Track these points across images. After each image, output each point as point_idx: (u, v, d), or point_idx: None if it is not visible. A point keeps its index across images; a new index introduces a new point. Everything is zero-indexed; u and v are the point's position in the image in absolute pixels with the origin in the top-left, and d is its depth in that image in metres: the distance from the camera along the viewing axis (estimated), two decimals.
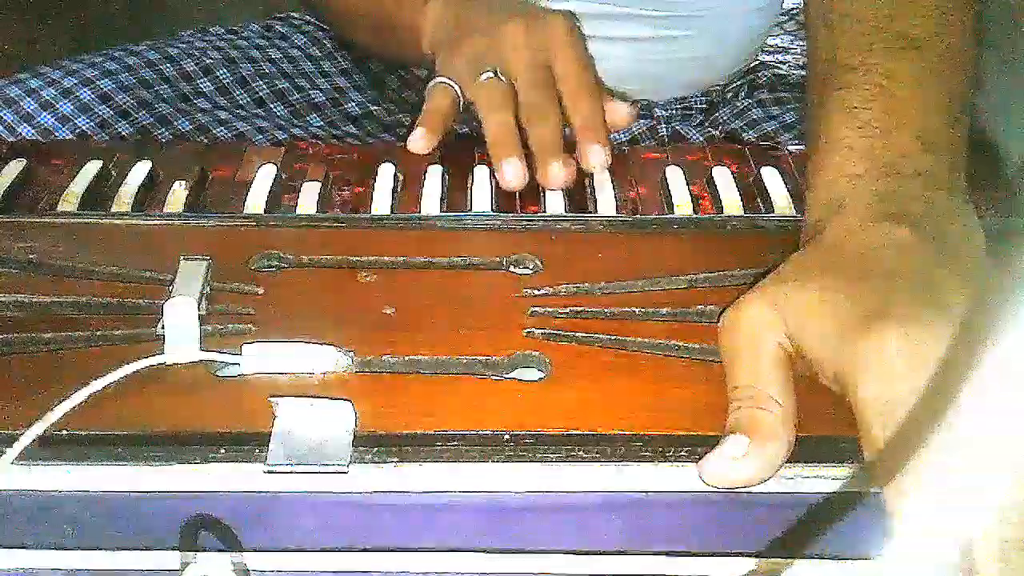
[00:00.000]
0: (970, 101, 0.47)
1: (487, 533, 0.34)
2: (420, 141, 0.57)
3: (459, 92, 0.60)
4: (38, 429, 0.35)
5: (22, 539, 0.34)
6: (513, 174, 0.54)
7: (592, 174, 0.55)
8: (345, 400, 0.37)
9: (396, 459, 0.36)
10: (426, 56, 0.66)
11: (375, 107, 0.76)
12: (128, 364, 0.38)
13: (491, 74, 0.58)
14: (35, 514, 0.35)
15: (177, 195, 0.52)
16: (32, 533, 0.34)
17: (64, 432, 0.37)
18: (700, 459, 0.35)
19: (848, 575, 0.33)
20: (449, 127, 0.59)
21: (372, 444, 0.36)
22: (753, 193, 0.54)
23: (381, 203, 0.52)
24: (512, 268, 0.46)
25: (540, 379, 0.40)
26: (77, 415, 0.37)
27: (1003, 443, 0.27)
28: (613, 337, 0.42)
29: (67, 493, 0.35)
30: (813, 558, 0.34)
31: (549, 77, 0.59)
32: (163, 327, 0.40)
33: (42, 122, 0.65)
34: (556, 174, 0.54)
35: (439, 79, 0.60)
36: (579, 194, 0.54)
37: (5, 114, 0.65)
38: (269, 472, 0.35)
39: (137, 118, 0.67)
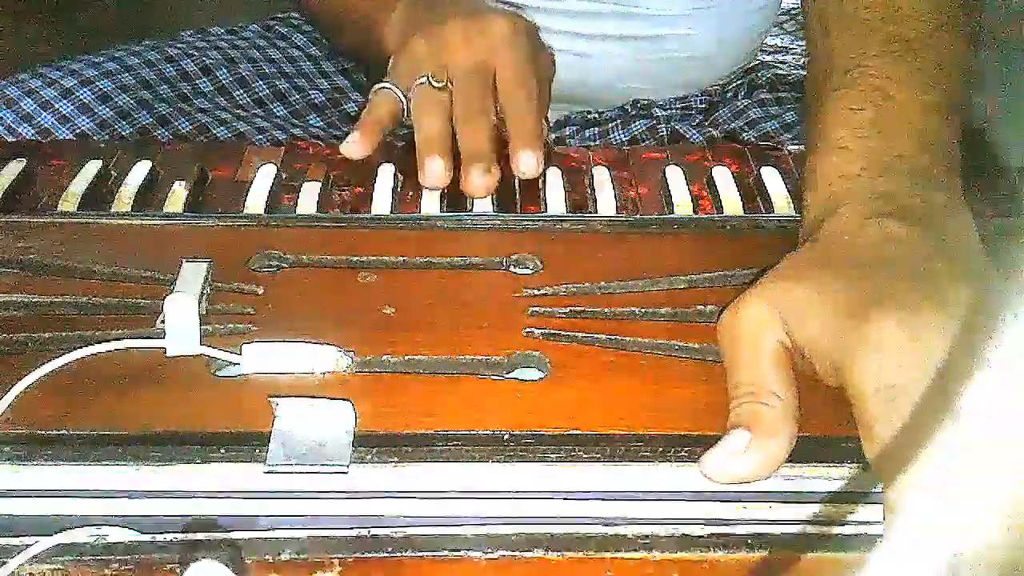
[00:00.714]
0: (965, 101, 0.47)
1: (486, 533, 0.34)
2: (352, 146, 0.56)
3: (401, 96, 0.59)
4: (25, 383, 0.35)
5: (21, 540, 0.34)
6: (433, 173, 0.53)
7: (592, 174, 0.55)
8: (345, 400, 0.37)
9: (396, 459, 0.36)
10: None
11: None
12: (128, 340, 0.38)
13: (425, 80, 0.58)
14: (33, 514, 0.35)
15: (177, 195, 0.52)
16: (32, 533, 0.34)
17: (64, 432, 0.37)
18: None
19: (848, 573, 0.33)
20: (388, 131, 0.58)
21: (372, 444, 0.36)
22: (753, 193, 0.54)
23: (381, 203, 0.52)
24: (512, 268, 0.46)
25: (540, 379, 0.40)
26: (77, 415, 0.37)
27: (1004, 440, 0.27)
28: (613, 337, 0.42)
29: (67, 493, 0.35)
30: (811, 558, 0.34)
31: (486, 80, 0.58)
32: (163, 322, 0.40)
33: (42, 122, 0.65)
34: (476, 181, 0.53)
35: (381, 84, 0.60)
36: (579, 194, 0.54)
37: (5, 114, 0.65)
38: (269, 472, 0.35)
39: (137, 118, 0.67)
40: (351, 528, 0.33)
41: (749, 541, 0.33)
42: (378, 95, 0.59)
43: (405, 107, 0.59)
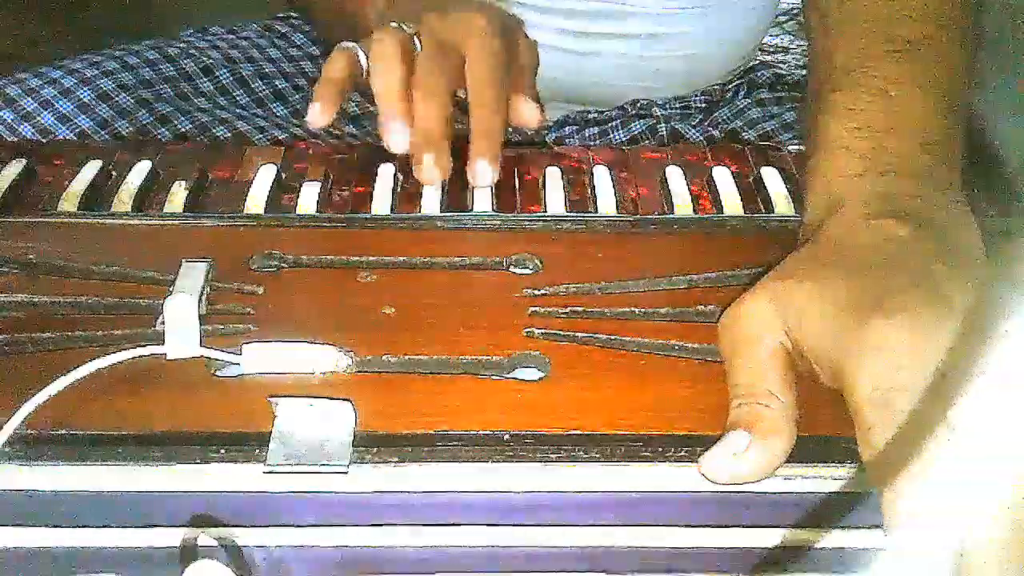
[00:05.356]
0: (967, 101, 0.47)
1: (487, 533, 0.34)
2: (317, 117, 0.52)
3: (361, 55, 0.54)
4: (25, 411, 0.35)
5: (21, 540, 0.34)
6: (396, 140, 0.50)
7: (592, 174, 0.55)
8: (345, 400, 0.37)
9: (396, 459, 0.36)
10: None
11: (375, 107, 0.76)
12: (127, 351, 0.38)
13: (396, 25, 0.53)
14: (34, 514, 0.35)
15: (177, 195, 0.52)
16: (31, 534, 0.34)
17: (64, 432, 0.37)
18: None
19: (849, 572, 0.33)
20: (348, 94, 0.54)
21: (372, 444, 0.36)
22: (753, 193, 0.54)
23: (381, 203, 0.52)
24: (512, 268, 0.46)
25: (540, 379, 0.40)
26: (77, 415, 0.37)
27: (1001, 444, 0.27)
28: (613, 337, 0.42)
29: (67, 493, 0.35)
30: (811, 559, 0.34)
31: (454, 56, 0.53)
32: (162, 323, 0.40)
33: (42, 121, 0.65)
34: (427, 173, 0.50)
35: (340, 44, 0.54)
36: (579, 194, 0.54)
37: (5, 114, 0.65)
38: (269, 472, 0.35)
39: (137, 118, 0.67)
40: (351, 528, 0.33)
41: (749, 541, 0.33)
42: (332, 56, 0.54)
43: (365, 68, 0.54)
